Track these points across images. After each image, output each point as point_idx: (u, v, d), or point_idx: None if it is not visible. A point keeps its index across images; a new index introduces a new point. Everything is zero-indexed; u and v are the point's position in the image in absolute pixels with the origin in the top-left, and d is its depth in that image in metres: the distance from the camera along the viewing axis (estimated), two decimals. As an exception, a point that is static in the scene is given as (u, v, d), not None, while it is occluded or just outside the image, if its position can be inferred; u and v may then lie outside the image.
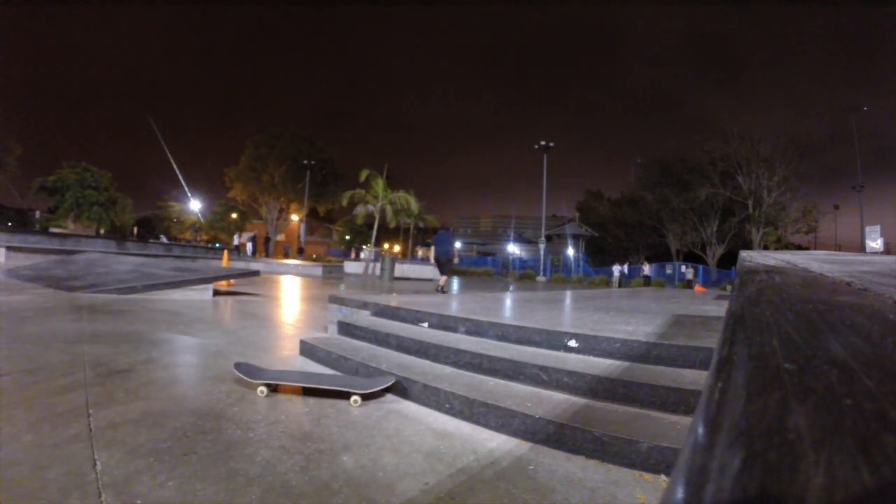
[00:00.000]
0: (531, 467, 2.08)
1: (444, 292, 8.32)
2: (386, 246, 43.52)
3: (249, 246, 28.36)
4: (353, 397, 2.81)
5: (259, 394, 2.87)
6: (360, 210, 24.16)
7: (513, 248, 39.75)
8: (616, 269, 24.20)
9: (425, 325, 4.13)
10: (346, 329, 4.40)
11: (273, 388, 2.96)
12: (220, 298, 8.25)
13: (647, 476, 2.00)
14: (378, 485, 1.86)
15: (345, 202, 24.10)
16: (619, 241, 34.42)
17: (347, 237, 41.58)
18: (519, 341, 3.48)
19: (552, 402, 2.61)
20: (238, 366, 3.14)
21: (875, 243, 22.58)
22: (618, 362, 2.97)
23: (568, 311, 5.34)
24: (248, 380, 2.96)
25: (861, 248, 22.93)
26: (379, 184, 22.98)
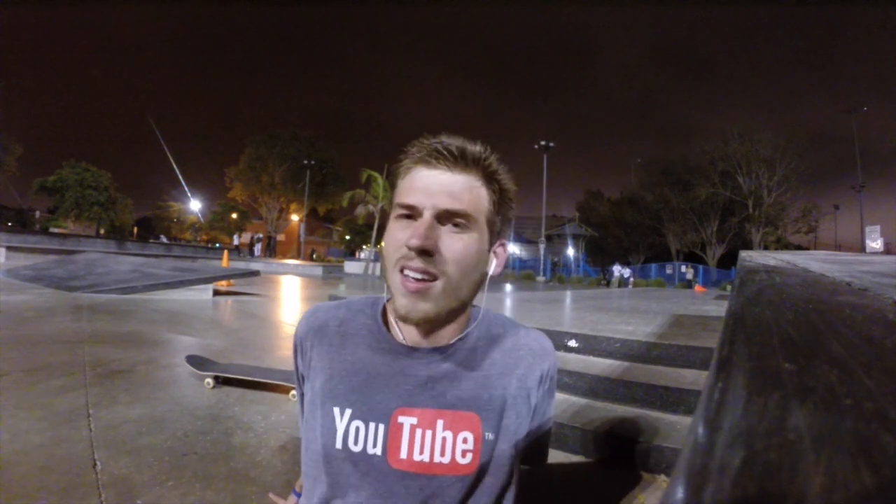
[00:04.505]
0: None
1: None
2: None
3: (257, 247, 28.08)
4: (292, 392, 2.88)
5: (206, 385, 2.99)
6: (360, 210, 24.22)
7: (513, 248, 39.74)
8: (616, 269, 24.14)
9: (425, 325, 4.13)
10: (346, 329, 4.39)
11: (221, 381, 3.07)
12: (221, 298, 8.24)
13: (647, 476, 2.00)
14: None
15: (345, 202, 24.21)
16: (619, 241, 34.39)
17: (348, 237, 41.58)
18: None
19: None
20: (188, 358, 3.29)
21: (875, 243, 22.57)
22: (618, 362, 2.97)
23: (568, 310, 5.34)
24: (197, 371, 3.07)
25: (861, 248, 22.93)
26: (379, 184, 23.02)
